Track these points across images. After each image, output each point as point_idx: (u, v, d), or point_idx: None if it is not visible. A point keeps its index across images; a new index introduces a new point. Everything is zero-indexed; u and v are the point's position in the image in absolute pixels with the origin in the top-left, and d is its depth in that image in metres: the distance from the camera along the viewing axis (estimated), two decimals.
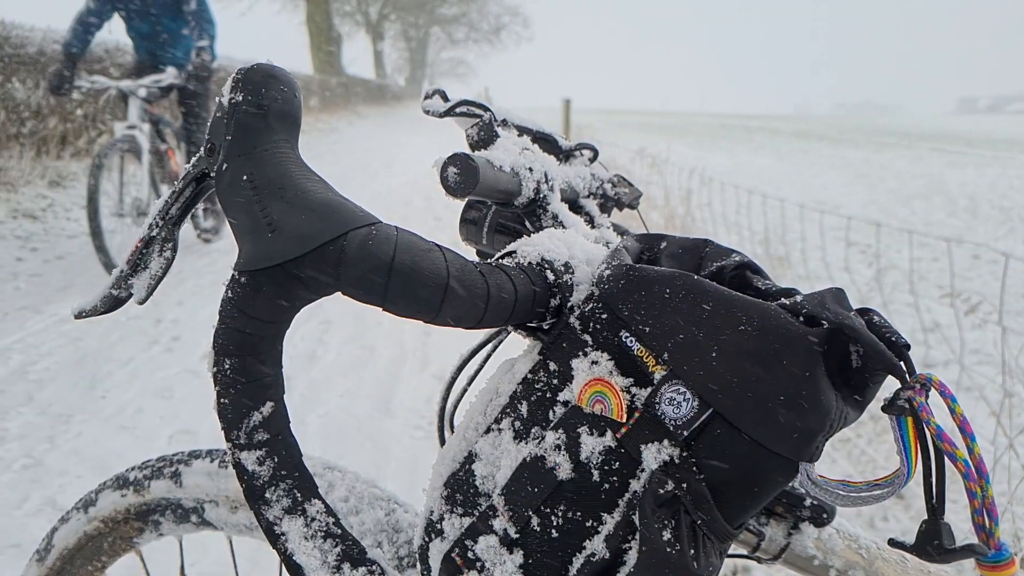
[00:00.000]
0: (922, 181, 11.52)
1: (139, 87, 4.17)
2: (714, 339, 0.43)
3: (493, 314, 0.46)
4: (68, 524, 0.85)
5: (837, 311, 0.43)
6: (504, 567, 0.47)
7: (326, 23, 27.51)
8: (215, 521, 0.79)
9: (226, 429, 0.46)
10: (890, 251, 5.70)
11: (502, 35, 56.92)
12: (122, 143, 4.01)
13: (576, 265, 0.51)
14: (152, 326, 3.40)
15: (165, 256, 0.50)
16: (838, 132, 27.94)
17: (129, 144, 4.05)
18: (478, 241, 0.68)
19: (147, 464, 0.82)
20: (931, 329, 3.13)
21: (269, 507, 0.47)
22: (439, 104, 0.63)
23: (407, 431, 2.51)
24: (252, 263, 0.43)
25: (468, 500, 0.49)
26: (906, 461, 0.42)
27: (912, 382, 0.42)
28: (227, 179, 0.44)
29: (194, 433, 2.41)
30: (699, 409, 0.43)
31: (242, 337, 0.44)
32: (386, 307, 0.43)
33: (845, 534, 0.63)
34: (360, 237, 0.42)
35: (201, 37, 4.34)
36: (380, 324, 3.58)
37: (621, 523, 0.45)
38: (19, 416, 2.47)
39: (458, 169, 0.50)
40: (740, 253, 0.53)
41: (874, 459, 2.33)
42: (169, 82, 4.24)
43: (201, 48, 4.31)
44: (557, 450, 0.46)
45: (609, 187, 0.71)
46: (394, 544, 0.68)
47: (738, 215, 5.21)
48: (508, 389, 0.50)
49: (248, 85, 0.44)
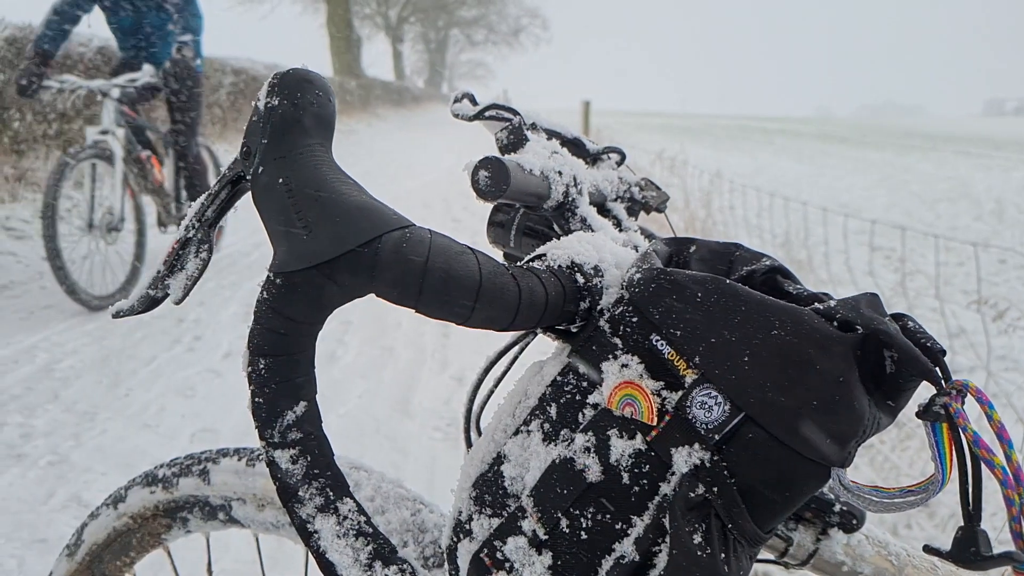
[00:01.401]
0: (947, 184, 11.39)
1: (112, 87, 3.72)
2: (747, 343, 0.43)
3: (524, 316, 0.46)
4: (98, 520, 0.86)
5: (871, 316, 0.43)
6: (533, 568, 0.47)
7: (346, 26, 27.69)
8: (242, 519, 0.79)
9: (260, 428, 0.46)
10: (914, 255, 5.64)
11: (521, 37, 57.03)
12: (91, 151, 3.55)
13: (605, 268, 0.51)
14: (174, 326, 3.43)
15: (201, 257, 0.51)
16: (861, 134, 27.69)
17: (99, 151, 3.58)
18: (505, 244, 0.68)
19: (176, 462, 0.83)
20: (957, 335, 3.09)
21: (302, 505, 0.48)
22: (468, 108, 0.63)
23: (426, 432, 2.52)
24: (287, 264, 0.43)
25: (497, 501, 0.49)
26: (941, 468, 0.42)
27: (948, 388, 0.42)
28: (263, 182, 0.44)
29: (216, 432, 2.43)
30: (731, 413, 0.43)
31: (276, 337, 0.45)
32: (419, 309, 0.43)
33: (874, 540, 0.62)
34: (394, 240, 0.42)
35: (184, 31, 3.90)
36: (399, 325, 3.59)
37: (651, 526, 0.45)
38: (45, 413, 2.51)
39: (489, 172, 0.51)
40: (770, 257, 0.53)
41: (897, 466, 2.31)
42: (145, 81, 3.76)
43: (182, 44, 3.87)
44: (586, 452, 0.46)
45: (636, 190, 0.71)
46: (420, 544, 0.68)
47: (759, 218, 5.17)
48: (537, 391, 0.51)
49: (284, 89, 0.45)
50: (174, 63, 3.82)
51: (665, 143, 9.13)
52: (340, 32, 27.37)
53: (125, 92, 3.75)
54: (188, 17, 3.91)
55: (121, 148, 3.66)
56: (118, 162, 3.63)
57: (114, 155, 3.62)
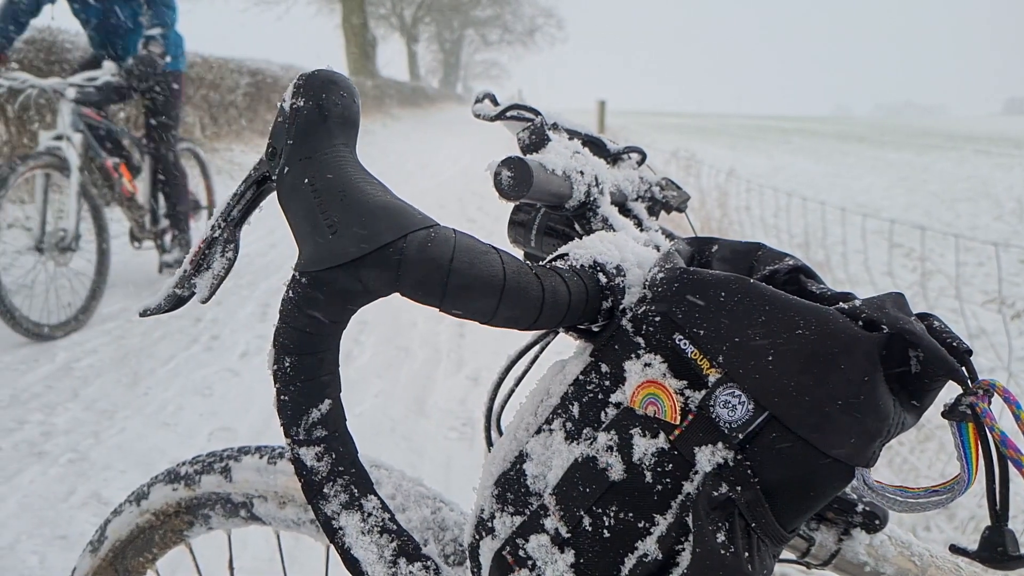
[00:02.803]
0: (967, 184, 11.28)
1: (67, 86, 3.31)
2: (771, 342, 0.43)
3: (547, 316, 0.46)
4: (121, 516, 0.87)
5: (897, 316, 0.43)
6: (555, 566, 0.47)
7: (362, 26, 27.81)
8: (263, 516, 0.80)
9: (285, 425, 0.47)
10: (933, 255, 5.59)
11: (536, 36, 57.04)
12: (42, 159, 3.13)
13: (628, 268, 0.51)
14: (192, 325, 3.46)
15: (227, 256, 0.52)
16: (879, 133, 27.47)
17: (49, 160, 3.15)
18: (526, 243, 0.69)
19: (198, 459, 0.84)
20: (977, 336, 3.06)
21: (327, 502, 0.48)
22: (490, 108, 0.64)
23: (441, 432, 2.53)
24: (313, 264, 0.44)
25: (519, 499, 0.49)
26: (967, 468, 0.42)
27: (975, 387, 0.42)
28: (288, 182, 0.45)
29: (233, 431, 2.45)
30: (754, 412, 0.43)
31: (302, 336, 0.45)
32: (444, 308, 0.43)
33: (897, 541, 0.62)
34: (419, 239, 0.42)
35: (153, 24, 3.46)
36: (415, 325, 3.60)
37: (674, 524, 0.45)
38: (66, 411, 2.54)
39: (512, 172, 0.51)
40: (793, 257, 0.52)
41: (916, 467, 2.29)
42: (105, 80, 3.35)
43: (149, 38, 3.41)
44: (609, 451, 0.46)
45: (657, 190, 0.71)
46: (440, 542, 0.68)
47: (776, 218, 5.15)
48: (559, 390, 0.51)
49: (309, 91, 0.45)
50: (138, 60, 3.35)
51: (680, 142, 9.11)
52: (356, 32, 27.49)
53: (84, 92, 3.34)
54: (159, 8, 3.49)
55: (77, 156, 3.23)
56: (74, 172, 3.20)
57: (68, 164, 3.19)
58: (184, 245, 4.00)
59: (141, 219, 3.87)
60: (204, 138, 8.79)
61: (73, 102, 3.30)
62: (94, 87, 3.35)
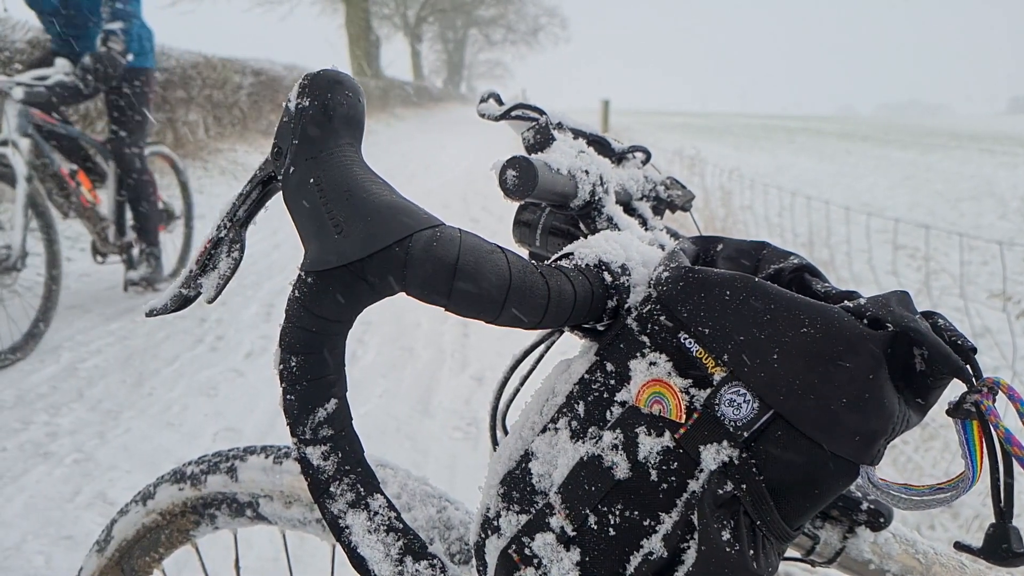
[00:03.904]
0: (971, 183, 11.25)
1: (13, 85, 2.96)
2: (776, 341, 0.43)
3: (553, 315, 0.46)
4: (127, 516, 0.87)
5: (902, 314, 0.43)
6: (561, 564, 0.47)
7: (365, 26, 27.83)
8: (269, 515, 0.80)
9: (292, 424, 0.47)
10: (938, 254, 5.58)
11: (540, 36, 57.04)
12: None
13: (633, 267, 0.51)
14: (196, 325, 3.47)
15: (233, 256, 0.52)
16: (883, 132, 27.41)
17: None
18: (531, 243, 0.69)
19: (204, 459, 0.84)
20: (981, 334, 3.05)
21: (334, 501, 0.49)
22: (495, 108, 0.64)
23: (446, 432, 2.53)
24: (319, 264, 0.44)
25: (525, 498, 0.50)
26: (971, 465, 0.42)
27: (979, 385, 0.42)
28: (294, 182, 0.45)
29: (238, 431, 2.46)
30: (760, 411, 0.43)
31: (308, 336, 0.46)
32: (450, 307, 0.44)
33: (902, 539, 0.62)
34: (425, 239, 0.43)
35: (113, 18, 3.12)
36: (419, 325, 3.61)
37: (679, 523, 0.45)
38: (71, 412, 2.55)
39: (517, 172, 0.51)
40: (798, 256, 0.53)
41: (921, 465, 2.28)
42: (58, 79, 3.02)
43: (109, 33, 3.08)
44: (614, 450, 0.47)
45: (662, 189, 0.71)
46: (446, 540, 0.69)
47: (780, 217, 5.14)
48: (565, 389, 0.51)
49: (314, 91, 0.45)
50: (96, 59, 3.02)
51: (684, 142, 9.09)
52: (359, 32, 27.51)
53: (32, 92, 2.98)
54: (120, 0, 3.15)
55: (25, 163, 2.88)
56: (20, 181, 2.83)
57: (15, 172, 2.84)
58: (153, 260, 3.62)
59: (104, 232, 3.49)
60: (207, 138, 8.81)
61: (20, 103, 2.96)
62: (44, 86, 3.01)
